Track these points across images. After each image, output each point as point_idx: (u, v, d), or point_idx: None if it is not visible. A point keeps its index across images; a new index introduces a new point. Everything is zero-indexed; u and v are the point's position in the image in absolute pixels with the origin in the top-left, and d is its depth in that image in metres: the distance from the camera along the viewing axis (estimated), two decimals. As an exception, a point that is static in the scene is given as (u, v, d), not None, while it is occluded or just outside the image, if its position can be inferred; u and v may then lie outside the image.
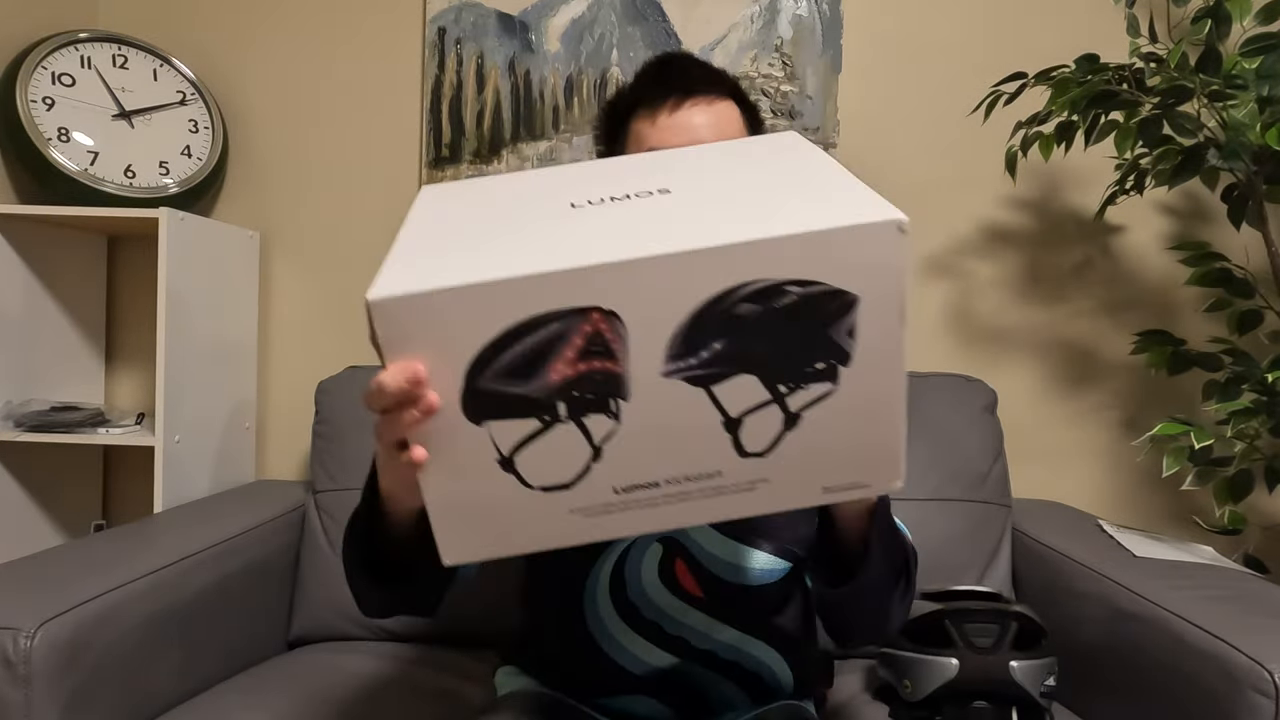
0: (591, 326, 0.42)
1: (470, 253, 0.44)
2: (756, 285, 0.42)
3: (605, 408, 0.45)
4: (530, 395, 0.44)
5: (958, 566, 1.28)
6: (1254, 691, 0.80)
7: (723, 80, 0.84)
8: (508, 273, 0.41)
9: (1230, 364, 1.31)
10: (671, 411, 0.45)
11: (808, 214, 0.43)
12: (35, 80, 1.35)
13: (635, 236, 0.43)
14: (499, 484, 0.46)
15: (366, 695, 1.08)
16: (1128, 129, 1.28)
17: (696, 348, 0.43)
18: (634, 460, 0.46)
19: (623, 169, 0.56)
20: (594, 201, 0.49)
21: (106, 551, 1.05)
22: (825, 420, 0.46)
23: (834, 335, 0.44)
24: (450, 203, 0.54)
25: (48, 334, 1.48)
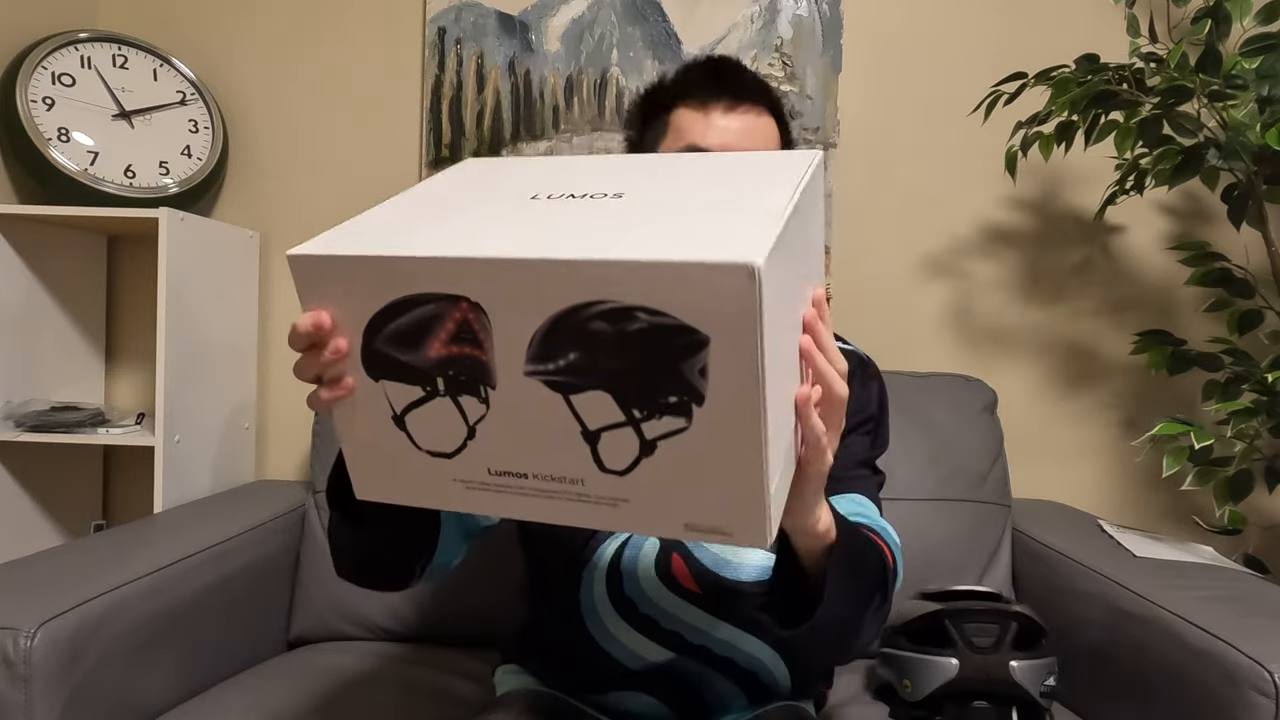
0: (461, 314, 0.45)
1: (398, 228, 0.48)
2: (607, 305, 0.42)
3: (476, 392, 0.47)
4: (414, 365, 0.47)
5: (958, 566, 1.28)
6: (1254, 691, 0.80)
7: (768, 96, 0.86)
8: (395, 251, 0.45)
9: (1230, 364, 1.31)
10: (534, 410, 0.46)
11: (672, 241, 0.42)
12: (35, 80, 1.35)
13: (525, 238, 0.44)
14: (394, 438, 0.50)
15: (366, 695, 1.08)
16: (1128, 129, 1.28)
17: (554, 355, 0.44)
18: (503, 447, 0.48)
19: (615, 167, 0.57)
20: (553, 196, 0.51)
21: (106, 551, 1.05)
22: (682, 456, 0.45)
23: (685, 371, 0.42)
24: (456, 177, 0.58)
25: (48, 334, 1.48)
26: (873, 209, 1.57)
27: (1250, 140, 1.17)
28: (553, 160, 0.61)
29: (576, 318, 0.43)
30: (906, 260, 1.58)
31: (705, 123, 0.83)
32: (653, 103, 0.88)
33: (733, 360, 0.41)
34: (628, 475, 0.46)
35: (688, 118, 0.84)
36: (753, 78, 0.86)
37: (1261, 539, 1.53)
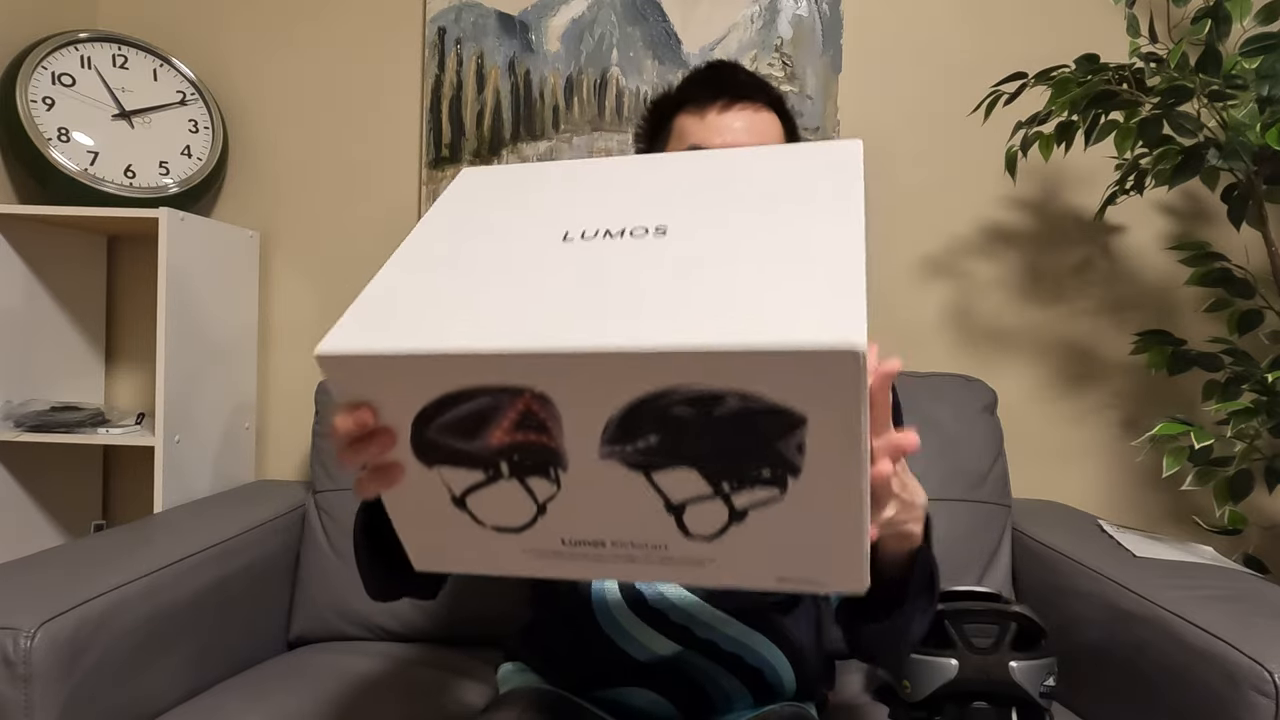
0: (524, 405, 0.42)
1: (431, 305, 0.44)
2: (694, 391, 0.39)
3: (546, 474, 0.44)
4: (473, 452, 0.44)
5: (958, 566, 1.28)
6: (1254, 691, 0.80)
7: (769, 93, 0.87)
8: (441, 346, 0.41)
9: (1230, 364, 1.31)
10: (612, 488, 0.44)
11: (758, 317, 0.39)
12: (35, 80, 1.35)
13: (584, 314, 0.41)
14: (454, 518, 0.48)
15: (366, 695, 1.08)
16: (1128, 129, 1.28)
17: (633, 437, 0.41)
18: (578, 520, 0.46)
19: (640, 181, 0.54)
20: (587, 234, 0.48)
21: (106, 551, 1.05)
22: (775, 521, 0.43)
23: (780, 448, 0.40)
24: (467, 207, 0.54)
25: (48, 334, 1.48)
26: (873, 209, 1.57)
27: (1250, 140, 1.17)
28: (562, 171, 0.57)
29: (657, 404, 0.40)
30: (906, 260, 1.58)
31: (705, 124, 0.84)
32: (657, 112, 0.90)
33: (833, 436, 0.40)
34: (715, 540, 0.45)
35: (689, 121, 0.86)
36: (750, 76, 0.87)
37: (1261, 539, 1.53)
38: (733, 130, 0.83)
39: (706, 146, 0.82)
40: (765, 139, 0.84)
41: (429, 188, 1.57)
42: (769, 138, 0.85)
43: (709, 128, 0.84)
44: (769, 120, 0.86)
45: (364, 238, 1.61)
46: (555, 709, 0.81)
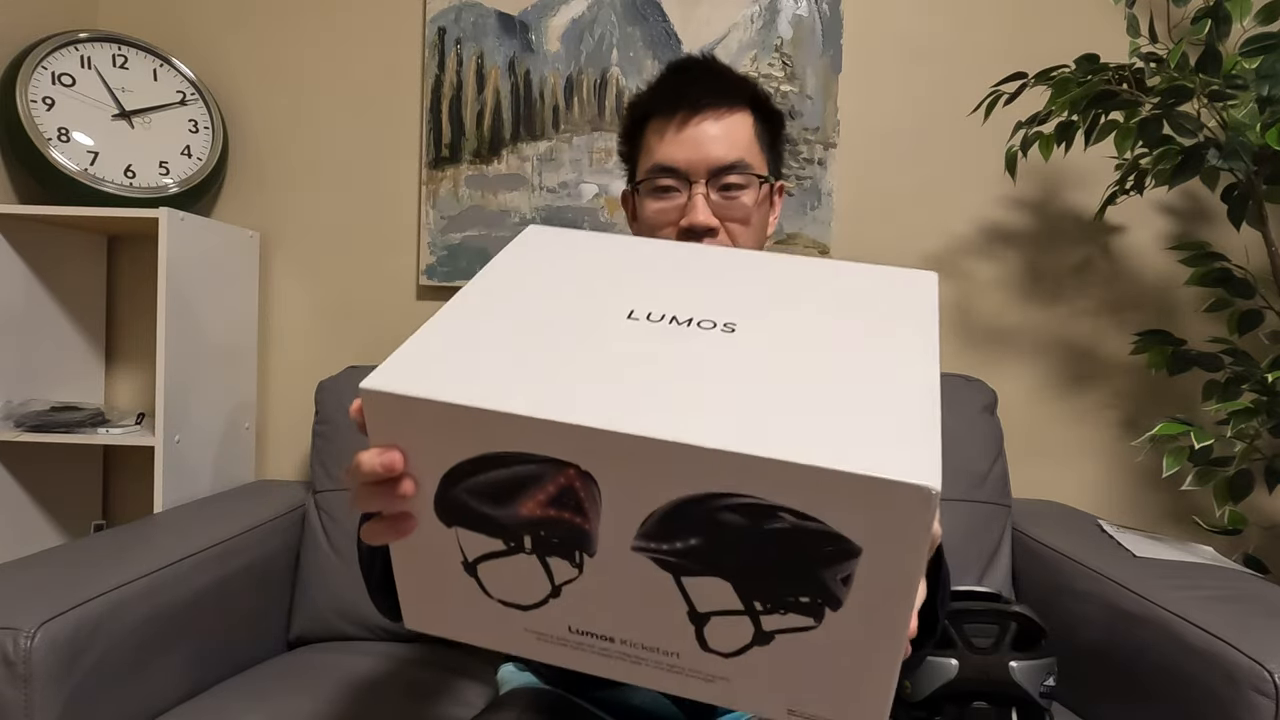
0: (566, 480, 0.40)
1: (486, 361, 0.42)
2: (746, 500, 0.37)
3: (569, 556, 0.42)
4: (499, 519, 0.42)
5: (958, 566, 1.28)
6: (1254, 691, 0.80)
7: (738, 89, 0.85)
8: (494, 405, 0.39)
9: (1230, 364, 1.31)
10: (636, 584, 0.41)
11: (829, 438, 0.37)
12: (35, 80, 1.35)
13: (646, 402, 0.39)
14: (461, 582, 0.45)
15: (366, 695, 1.08)
16: (1128, 129, 1.28)
17: (671, 537, 0.39)
18: (592, 610, 0.43)
19: (710, 272, 0.52)
20: (653, 317, 0.46)
21: (106, 551, 1.05)
22: (802, 651, 0.40)
23: (825, 576, 0.38)
24: (529, 264, 0.53)
25: (48, 334, 1.48)
26: (873, 209, 1.57)
27: (1250, 140, 1.17)
28: (628, 245, 0.56)
29: (706, 506, 0.38)
30: (906, 260, 1.58)
31: (668, 141, 0.83)
32: (630, 118, 0.89)
33: (885, 575, 0.37)
34: (733, 658, 0.42)
35: (655, 134, 0.84)
36: (715, 79, 0.85)
37: (1261, 539, 1.53)
38: (696, 143, 0.82)
39: (671, 163, 0.82)
40: (735, 141, 0.82)
41: (429, 188, 1.57)
42: (738, 141, 0.83)
43: (673, 144, 0.82)
44: (738, 122, 0.83)
45: (364, 238, 1.61)
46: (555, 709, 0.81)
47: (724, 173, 0.82)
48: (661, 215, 0.84)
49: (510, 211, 1.57)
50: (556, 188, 1.56)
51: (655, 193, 0.84)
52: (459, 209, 1.57)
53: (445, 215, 1.57)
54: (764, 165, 0.86)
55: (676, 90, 0.83)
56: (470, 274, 1.57)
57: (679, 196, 0.83)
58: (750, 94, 0.86)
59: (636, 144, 0.88)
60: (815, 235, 1.55)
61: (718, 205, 0.83)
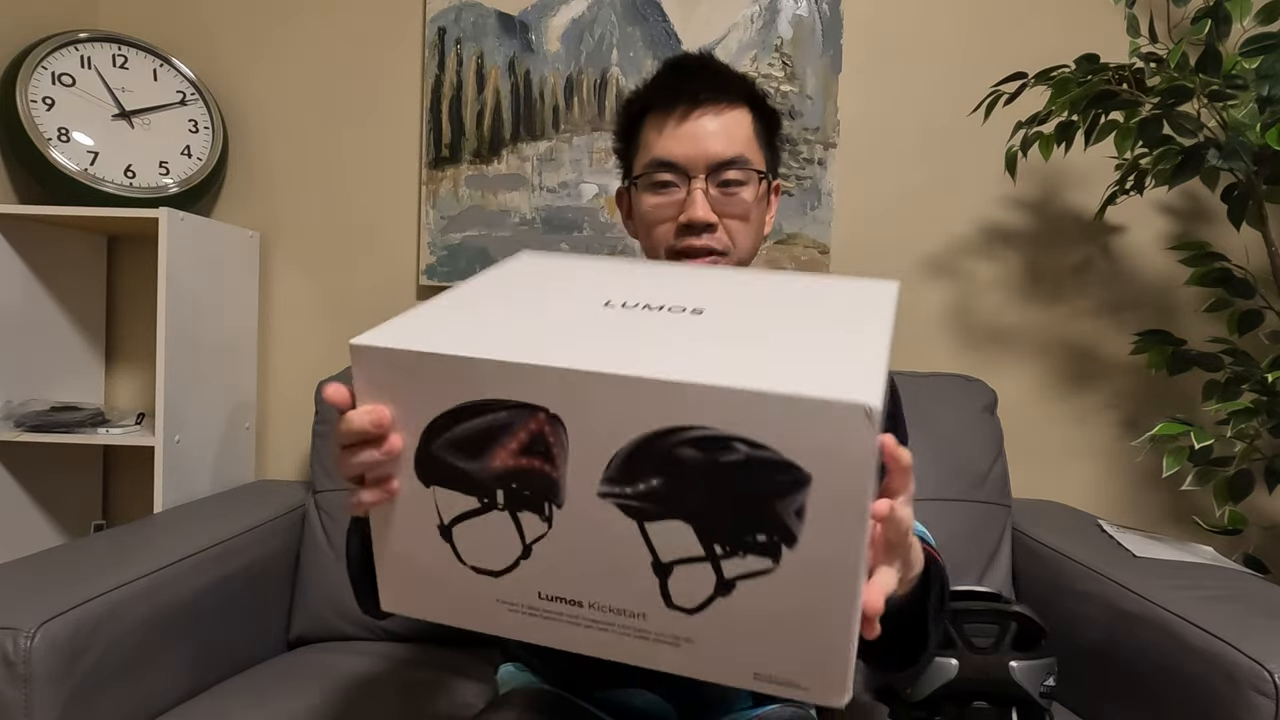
0: (537, 426, 0.42)
1: (468, 326, 0.46)
2: (702, 432, 0.39)
3: (539, 509, 0.44)
4: (473, 474, 0.45)
5: (958, 566, 1.28)
6: (1254, 691, 0.80)
7: (737, 86, 0.84)
8: (471, 352, 0.42)
9: (1230, 364, 1.31)
10: (602, 534, 0.43)
11: (778, 371, 0.40)
12: (35, 80, 1.35)
13: (614, 351, 0.42)
14: (436, 550, 0.47)
15: (366, 695, 1.08)
16: (1128, 129, 1.28)
17: (634, 478, 0.41)
18: (561, 570, 0.45)
19: (685, 278, 0.56)
20: (628, 305, 0.49)
21: (106, 551, 1.05)
22: (762, 599, 0.42)
23: (779, 510, 0.40)
24: (518, 271, 0.57)
25: (48, 334, 1.48)
26: (873, 209, 1.57)
27: (1250, 140, 1.17)
28: (614, 262, 0.60)
29: (665, 442, 0.40)
30: (906, 260, 1.58)
31: (667, 133, 0.83)
32: (626, 114, 0.89)
33: (835, 504, 0.39)
34: (697, 614, 0.43)
35: (652, 129, 0.84)
36: (714, 75, 0.84)
37: (1261, 539, 1.53)
38: (695, 137, 0.82)
39: (670, 158, 0.82)
40: (733, 137, 0.82)
41: (429, 188, 1.57)
42: (737, 136, 0.83)
43: (672, 138, 0.82)
44: (737, 118, 0.83)
45: (364, 238, 1.61)
46: (554, 709, 0.81)
47: (723, 168, 0.82)
48: (659, 211, 0.84)
49: (510, 211, 1.57)
50: (556, 188, 1.56)
51: (653, 187, 0.84)
52: (459, 209, 1.57)
53: (445, 215, 1.57)
54: (762, 161, 0.86)
55: (675, 86, 0.83)
56: (470, 274, 1.57)
57: (677, 192, 0.83)
58: (748, 92, 0.85)
59: (633, 140, 0.87)
60: (815, 235, 1.55)
61: (716, 200, 0.83)
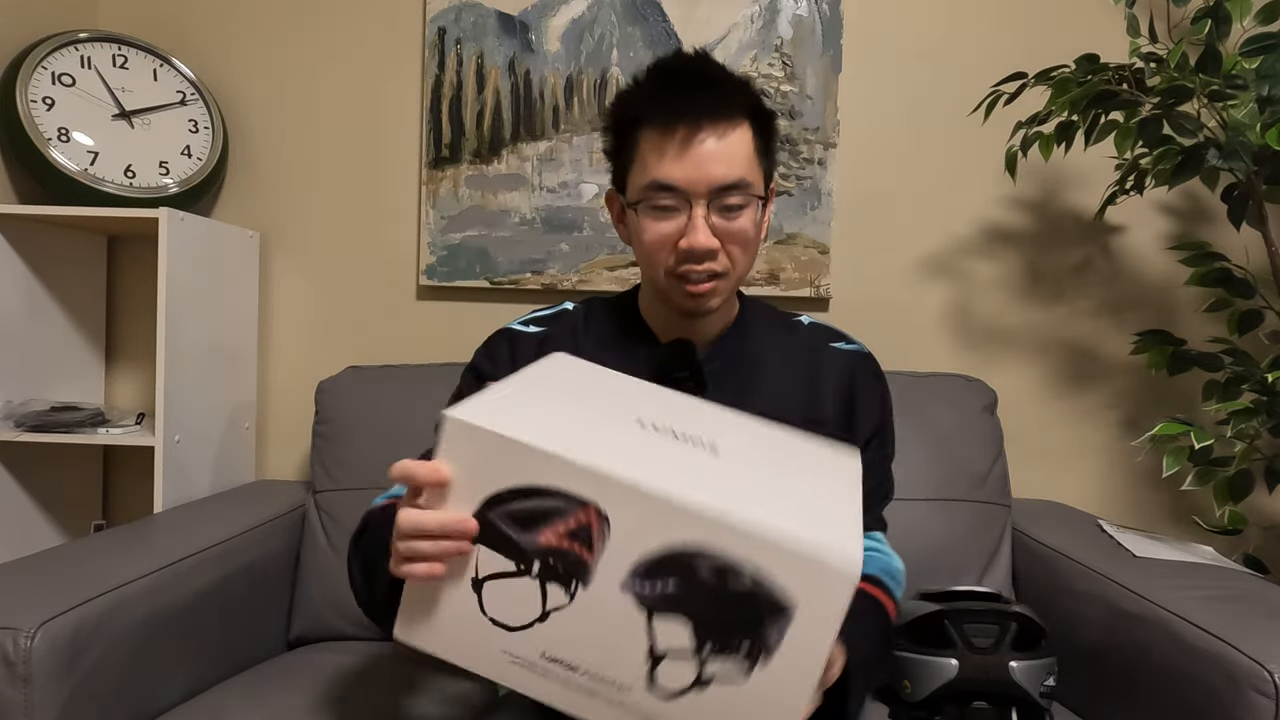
0: (586, 518, 0.50)
1: (541, 420, 0.54)
2: (723, 559, 0.49)
3: (566, 584, 0.52)
4: (519, 543, 0.52)
5: (958, 566, 1.28)
6: (1254, 691, 0.80)
7: (738, 99, 0.81)
8: (549, 447, 0.50)
9: (1230, 364, 1.31)
10: (614, 617, 0.52)
11: (789, 527, 0.49)
12: (35, 80, 1.35)
13: (659, 472, 0.51)
14: (464, 599, 0.54)
15: (366, 695, 1.08)
16: (1128, 129, 1.28)
17: (655, 578, 0.50)
18: (569, 638, 0.53)
19: (699, 412, 0.65)
20: (658, 428, 0.58)
21: (106, 551, 1.05)
22: (726, 701, 0.52)
23: (766, 629, 0.50)
24: (560, 373, 0.65)
25: (48, 334, 1.48)
26: (873, 209, 1.57)
27: (1250, 140, 1.17)
28: (624, 379, 0.68)
29: (689, 558, 0.49)
30: (906, 260, 1.58)
31: (668, 156, 0.80)
32: (621, 116, 0.85)
33: (808, 639, 0.50)
34: (671, 700, 0.53)
35: (651, 147, 0.81)
36: (715, 90, 0.81)
37: (1261, 539, 1.53)
38: (697, 162, 0.79)
39: (671, 182, 0.80)
40: (734, 162, 0.80)
41: (429, 188, 1.57)
42: (738, 158, 0.80)
43: (673, 162, 0.79)
44: (738, 138, 0.80)
45: (364, 238, 1.61)
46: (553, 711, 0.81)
47: (725, 192, 0.80)
48: (660, 235, 0.82)
49: (510, 211, 1.57)
50: (556, 188, 1.56)
51: (654, 212, 0.82)
52: (459, 209, 1.57)
53: (445, 215, 1.57)
54: (761, 178, 0.84)
55: (675, 103, 0.79)
56: (470, 274, 1.57)
57: (678, 215, 0.81)
58: (749, 103, 0.83)
59: (628, 149, 0.84)
60: (815, 235, 1.55)
61: (717, 226, 0.81)
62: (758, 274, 1.55)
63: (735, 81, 0.83)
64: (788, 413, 0.90)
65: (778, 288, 1.55)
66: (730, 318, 0.93)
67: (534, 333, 0.94)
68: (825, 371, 0.93)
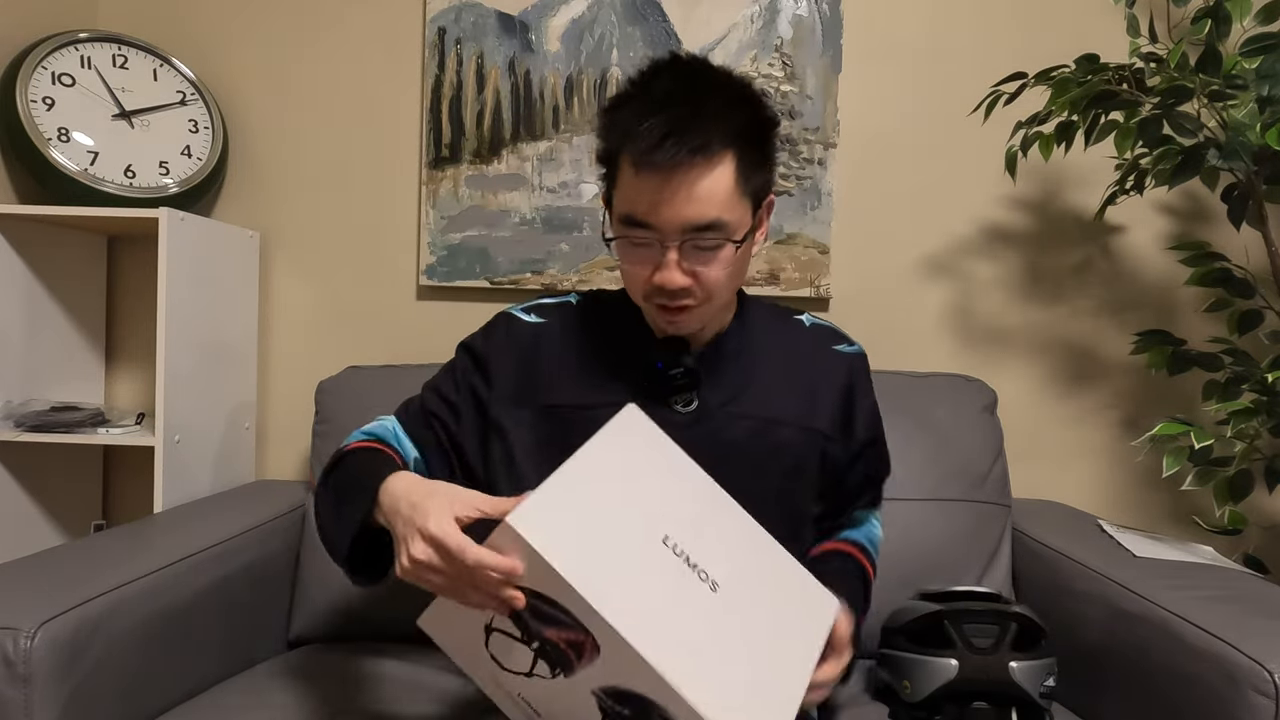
0: (585, 639, 0.61)
1: (578, 529, 0.63)
2: (670, 715, 0.61)
3: (552, 667, 0.65)
4: (530, 625, 0.64)
5: (958, 566, 1.28)
6: (1254, 691, 0.80)
7: (722, 128, 0.77)
8: (575, 584, 0.59)
9: (1230, 364, 1.31)
10: (580, 706, 0.65)
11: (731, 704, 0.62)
12: (35, 80, 1.35)
13: (649, 629, 0.61)
14: (475, 632, 0.68)
15: (366, 695, 1.08)
16: (1128, 129, 1.28)
17: (619, 701, 0.63)
18: (541, 696, 0.68)
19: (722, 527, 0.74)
20: (678, 551, 0.67)
21: (106, 551, 1.05)
22: None
23: None
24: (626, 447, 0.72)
25: (48, 334, 1.48)
26: (873, 209, 1.57)
27: (1250, 140, 1.17)
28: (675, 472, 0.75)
29: (648, 702, 0.61)
30: (906, 260, 1.58)
31: (642, 192, 0.78)
32: (609, 129, 0.83)
33: None
34: None
35: (628, 175, 0.79)
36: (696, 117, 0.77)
37: (1261, 539, 1.53)
38: (671, 204, 0.77)
39: (644, 220, 0.78)
40: (710, 203, 0.77)
41: (429, 188, 1.57)
42: (715, 199, 0.77)
43: (647, 202, 0.78)
44: (717, 176, 0.77)
45: (364, 238, 1.61)
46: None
47: (698, 234, 0.79)
48: (634, 266, 0.82)
49: (510, 211, 1.57)
50: (556, 188, 1.56)
51: (629, 246, 0.82)
52: (459, 209, 1.57)
53: (445, 215, 1.57)
54: (745, 211, 0.81)
55: (652, 142, 0.76)
56: (470, 274, 1.57)
57: (652, 250, 0.80)
58: (737, 125, 0.79)
59: (613, 168, 0.83)
60: (815, 235, 1.55)
61: (691, 260, 0.80)
62: (758, 274, 1.55)
63: (722, 103, 0.79)
64: (781, 415, 0.90)
65: (778, 288, 1.55)
66: (728, 318, 0.94)
67: (533, 322, 0.95)
68: (825, 376, 0.94)
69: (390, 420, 0.96)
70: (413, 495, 0.71)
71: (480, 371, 0.94)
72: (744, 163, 0.80)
